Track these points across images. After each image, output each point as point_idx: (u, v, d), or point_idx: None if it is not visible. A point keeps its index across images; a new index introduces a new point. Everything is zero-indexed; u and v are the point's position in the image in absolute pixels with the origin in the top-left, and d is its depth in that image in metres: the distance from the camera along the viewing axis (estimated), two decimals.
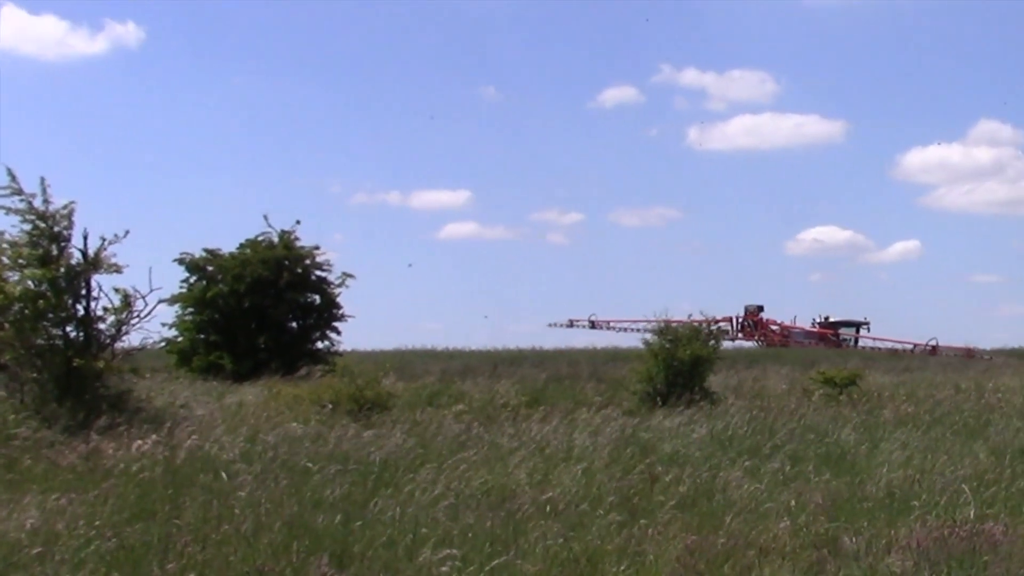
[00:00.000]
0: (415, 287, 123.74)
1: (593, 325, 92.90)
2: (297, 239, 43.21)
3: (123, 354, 23.95)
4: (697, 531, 13.07)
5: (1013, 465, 17.29)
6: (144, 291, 23.57)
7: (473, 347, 65.02)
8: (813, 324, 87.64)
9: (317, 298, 43.39)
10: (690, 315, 35.57)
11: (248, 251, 42.60)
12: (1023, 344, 75.48)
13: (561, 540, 12.44)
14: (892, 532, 12.98)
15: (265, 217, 43.67)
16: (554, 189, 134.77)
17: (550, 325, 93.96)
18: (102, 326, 23.48)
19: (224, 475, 15.54)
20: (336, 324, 43.71)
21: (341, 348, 44.72)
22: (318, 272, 43.44)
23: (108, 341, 23.51)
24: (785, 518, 13.64)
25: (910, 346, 77.68)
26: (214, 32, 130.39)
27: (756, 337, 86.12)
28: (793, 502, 14.53)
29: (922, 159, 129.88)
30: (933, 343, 76.56)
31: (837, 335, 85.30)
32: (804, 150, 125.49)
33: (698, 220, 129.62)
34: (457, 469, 16.36)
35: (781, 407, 26.53)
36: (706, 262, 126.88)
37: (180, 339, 42.01)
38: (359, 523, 12.95)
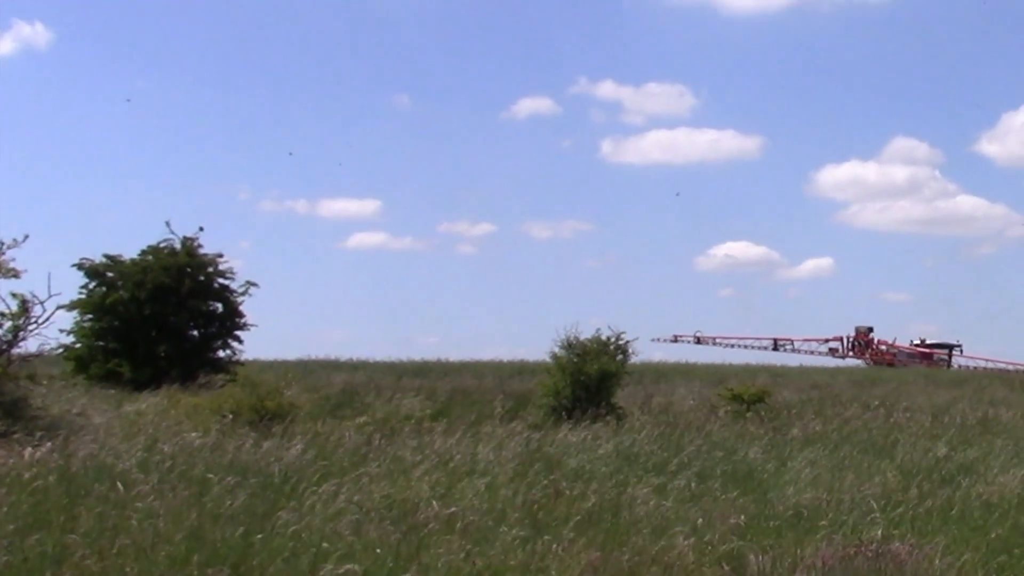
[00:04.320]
0: (321, 297, 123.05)
1: (699, 341, 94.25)
2: (200, 246, 42.71)
3: (19, 360, 23.52)
4: (601, 548, 12.94)
5: (920, 485, 17.34)
6: (42, 296, 23.22)
7: (378, 358, 64.70)
8: (911, 345, 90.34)
9: (219, 306, 42.93)
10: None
11: (150, 258, 42.03)
12: None
13: (464, 555, 12.26)
14: (798, 551, 12.91)
15: (167, 223, 43.11)
16: (466, 200, 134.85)
17: (653, 340, 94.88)
18: None
19: (121, 485, 15.17)
20: (238, 333, 43.29)
21: (243, 357, 44.20)
22: (221, 280, 42.97)
23: (4, 347, 23.10)
24: (691, 536, 13.52)
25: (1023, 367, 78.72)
26: (123, 35, 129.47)
27: (865, 356, 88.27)
28: (700, 520, 14.42)
29: (836, 176, 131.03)
30: None
31: (950, 354, 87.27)
32: (719, 165, 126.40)
33: (610, 234, 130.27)
34: (359, 482, 16.14)
35: (688, 423, 26.52)
36: (617, 276, 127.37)
37: (78, 346, 41.35)
38: (259, 536, 12.69)
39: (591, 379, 29.68)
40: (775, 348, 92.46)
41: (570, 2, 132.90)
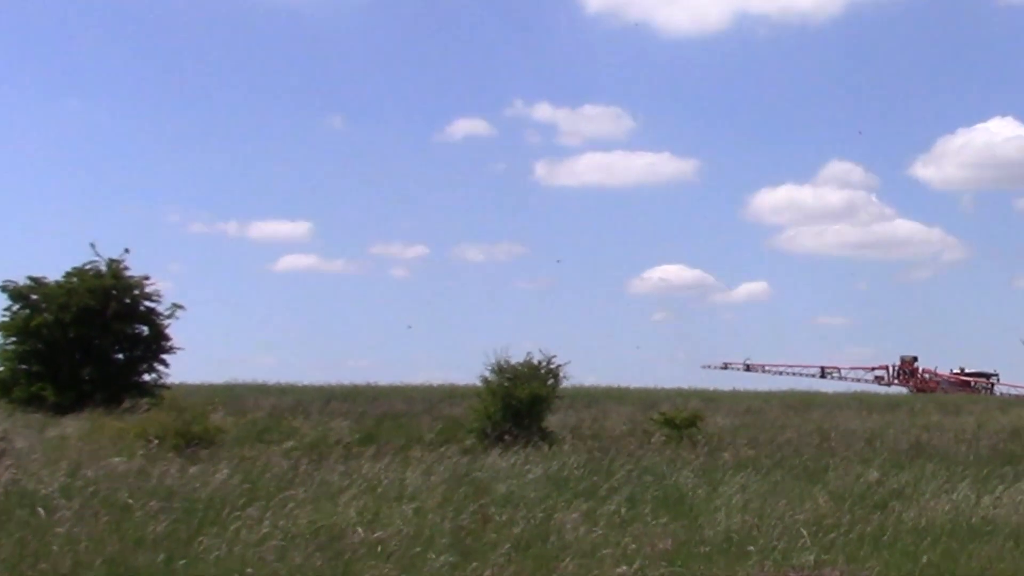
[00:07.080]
0: (249, 320, 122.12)
1: (748, 368, 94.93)
2: (126, 268, 42.23)
3: None
4: (531, 574, 12.79)
5: (852, 510, 17.28)
6: None
7: (307, 382, 64.18)
8: (951, 374, 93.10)
9: (145, 329, 42.44)
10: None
11: (75, 280, 41.51)
12: None
13: None
14: None
15: (92, 245, 42.55)
16: (399, 222, 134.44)
17: (703, 367, 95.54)
18: None
19: (42, 511, 14.92)
20: (164, 356, 42.79)
21: (169, 381, 43.73)
22: (147, 302, 42.49)
23: None
24: (621, 562, 13.38)
25: None
26: (49, 54, 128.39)
27: (910, 384, 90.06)
28: (633, 545, 14.27)
29: (772, 200, 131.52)
30: None
31: (991, 383, 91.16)
32: (655, 188, 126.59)
33: (543, 256, 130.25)
34: (285, 507, 15.91)
35: (619, 448, 26.38)
36: (549, 299, 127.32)
37: (1, 369, 40.81)
38: (183, 562, 12.50)
39: (521, 403, 29.54)
40: (823, 376, 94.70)
41: (506, 23, 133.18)
